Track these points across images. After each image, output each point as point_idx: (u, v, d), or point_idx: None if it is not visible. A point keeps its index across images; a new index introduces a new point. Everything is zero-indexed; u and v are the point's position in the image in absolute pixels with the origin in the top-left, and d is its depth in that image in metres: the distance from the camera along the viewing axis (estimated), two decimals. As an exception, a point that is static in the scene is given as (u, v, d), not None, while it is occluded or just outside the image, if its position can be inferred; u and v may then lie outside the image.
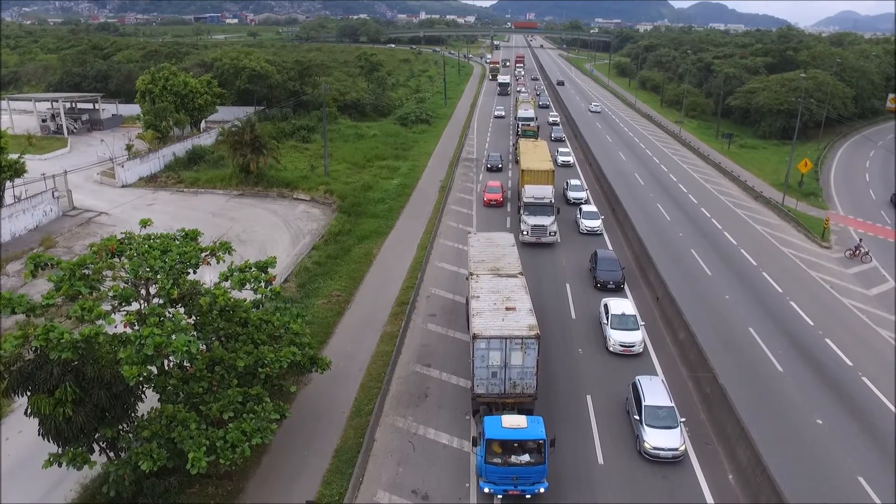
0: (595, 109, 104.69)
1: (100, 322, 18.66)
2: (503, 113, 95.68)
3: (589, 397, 26.13)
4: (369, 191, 53.36)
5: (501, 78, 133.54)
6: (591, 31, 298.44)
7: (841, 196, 60.26)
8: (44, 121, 76.22)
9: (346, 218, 46.23)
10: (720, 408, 24.00)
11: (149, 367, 18.50)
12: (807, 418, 25.07)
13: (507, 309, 24.65)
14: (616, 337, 29.30)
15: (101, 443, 19.45)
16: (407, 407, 25.28)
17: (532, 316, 24.24)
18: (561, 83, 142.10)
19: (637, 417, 23.08)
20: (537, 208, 42.60)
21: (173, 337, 18.19)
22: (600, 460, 22.49)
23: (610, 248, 42.07)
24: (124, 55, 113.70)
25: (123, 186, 55.81)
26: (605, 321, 30.39)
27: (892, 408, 25.80)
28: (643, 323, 30.60)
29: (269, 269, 22.52)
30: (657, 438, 22.17)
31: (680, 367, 28.33)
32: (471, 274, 28.62)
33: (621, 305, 30.86)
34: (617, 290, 35.43)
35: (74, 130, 75.60)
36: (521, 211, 43.49)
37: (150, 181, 57.36)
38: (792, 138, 64.05)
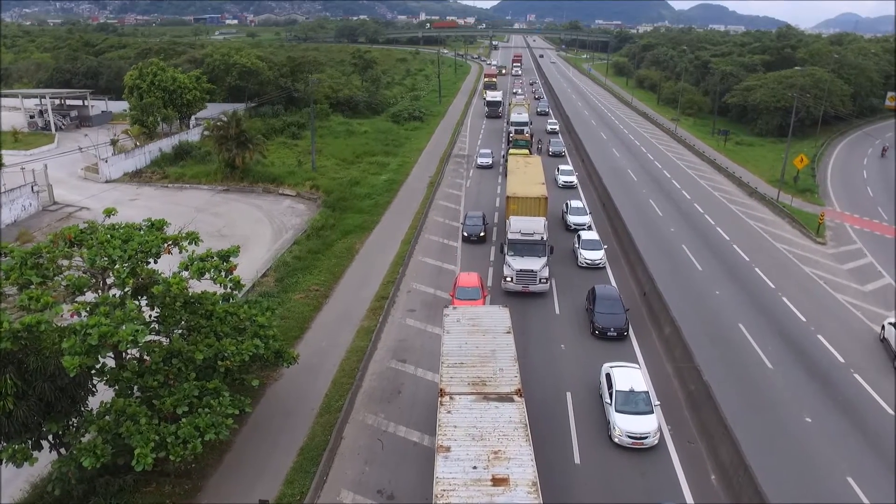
0: (552, 61, 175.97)
1: (47, 311, 17.78)
2: (489, 161, 60.63)
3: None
4: (356, 186, 52.42)
5: (491, 95, 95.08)
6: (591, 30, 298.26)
7: (837, 193, 59.25)
8: (32, 117, 75.47)
9: (331, 213, 45.28)
10: (704, 405, 23.00)
11: (97, 358, 17.66)
12: (796, 416, 24.07)
13: (496, 482, 15.65)
14: (622, 425, 21.56)
15: (49, 438, 18.52)
16: (379, 403, 24.30)
17: (536, 496, 15.39)
18: (542, 56, 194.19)
19: None
20: (525, 247, 33.17)
21: (123, 327, 17.36)
22: None
23: (613, 283, 34.88)
24: (119, 54, 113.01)
25: (107, 182, 54.97)
26: (609, 400, 22.72)
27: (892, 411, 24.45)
28: (658, 403, 23.00)
29: (232, 259, 21.65)
30: None
31: (665, 363, 27.32)
32: (441, 392, 19.19)
33: (629, 377, 23.00)
34: (619, 339, 28.70)
35: (63, 127, 74.84)
36: (505, 250, 33.91)
37: (135, 176, 56.52)
38: (791, 135, 63.05)
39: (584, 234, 38.94)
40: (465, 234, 40.93)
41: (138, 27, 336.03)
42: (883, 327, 30.15)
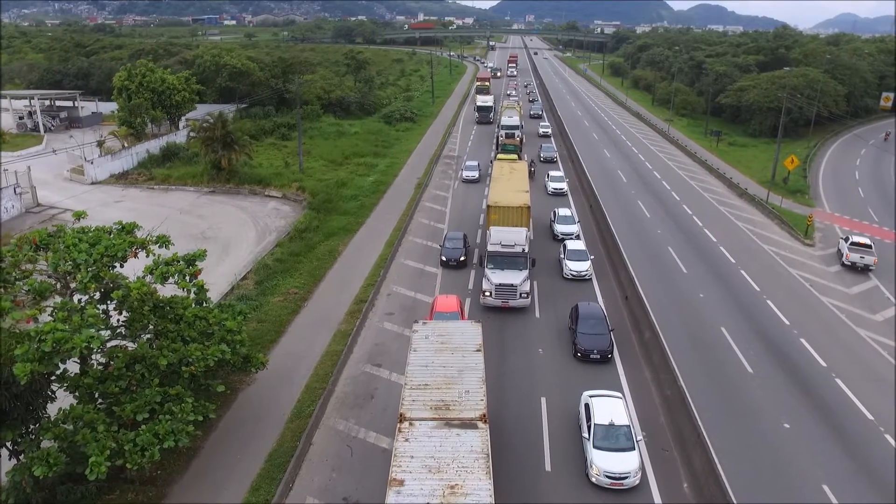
0: (544, 57, 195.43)
1: (3, 317, 17.49)
2: (476, 175, 55.97)
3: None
4: (343, 187, 52.07)
5: (482, 99, 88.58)
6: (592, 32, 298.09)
7: (828, 194, 58.94)
8: (21, 118, 75.10)
9: (315, 215, 44.89)
10: (679, 411, 22.67)
11: (55, 364, 17.33)
12: (774, 422, 23.74)
13: None
14: (600, 463, 19.64)
15: (7, 446, 18.20)
16: (351, 409, 23.97)
17: None
18: (536, 53, 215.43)
19: None
20: (504, 260, 31.62)
21: (81, 333, 17.04)
22: None
23: (599, 297, 33.47)
24: (113, 55, 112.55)
25: (93, 183, 54.61)
26: (587, 435, 20.71)
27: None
28: (641, 438, 21.18)
29: (198, 263, 21.33)
30: None
31: (644, 368, 26.98)
32: (401, 417, 17.95)
33: (609, 409, 20.94)
34: (603, 362, 26.81)
35: (52, 128, 74.46)
36: (484, 262, 32.37)
37: (122, 178, 56.16)
38: (784, 136, 62.75)
39: (571, 244, 37.17)
40: (444, 258, 36.65)
41: (136, 28, 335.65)
42: (839, 242, 41.10)
